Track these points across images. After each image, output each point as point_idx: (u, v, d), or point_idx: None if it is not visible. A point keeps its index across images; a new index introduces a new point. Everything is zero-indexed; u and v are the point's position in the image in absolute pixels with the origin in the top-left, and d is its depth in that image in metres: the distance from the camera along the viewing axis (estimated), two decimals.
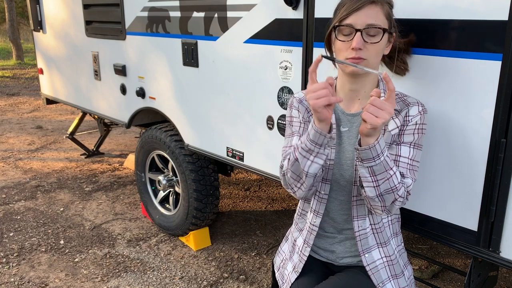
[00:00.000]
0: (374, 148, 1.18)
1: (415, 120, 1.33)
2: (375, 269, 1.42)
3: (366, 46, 1.26)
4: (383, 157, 1.20)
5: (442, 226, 1.55)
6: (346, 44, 1.28)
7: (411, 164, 1.33)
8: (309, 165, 1.30)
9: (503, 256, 1.42)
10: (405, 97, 1.38)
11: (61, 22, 3.69)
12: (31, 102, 7.97)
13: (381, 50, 1.31)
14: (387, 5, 1.30)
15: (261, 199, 3.80)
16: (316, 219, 1.46)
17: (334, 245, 1.50)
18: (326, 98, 1.16)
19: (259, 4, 2.01)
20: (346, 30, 1.27)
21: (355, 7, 1.25)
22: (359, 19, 1.25)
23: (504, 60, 1.29)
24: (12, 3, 13.26)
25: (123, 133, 5.84)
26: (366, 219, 1.42)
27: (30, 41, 17.68)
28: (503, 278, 2.69)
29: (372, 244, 1.43)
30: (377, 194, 1.26)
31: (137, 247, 3.01)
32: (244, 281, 2.64)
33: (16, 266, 2.79)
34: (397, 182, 1.25)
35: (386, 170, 1.22)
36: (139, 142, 3.17)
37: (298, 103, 1.46)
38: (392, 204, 1.29)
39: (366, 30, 1.25)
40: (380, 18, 1.27)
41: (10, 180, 4.22)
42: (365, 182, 1.26)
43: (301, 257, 1.51)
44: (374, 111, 1.12)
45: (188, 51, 2.48)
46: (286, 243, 1.65)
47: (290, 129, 1.48)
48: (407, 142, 1.34)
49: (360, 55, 1.26)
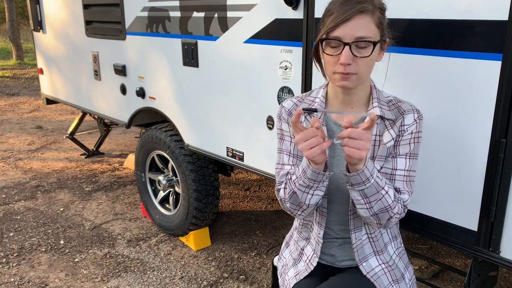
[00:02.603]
0: (362, 173, 1.15)
1: (411, 129, 1.29)
2: (376, 276, 1.41)
3: (355, 61, 1.17)
4: (372, 179, 1.17)
5: (442, 226, 1.55)
6: (334, 57, 1.19)
7: (408, 175, 1.31)
8: (309, 198, 1.28)
9: (503, 256, 1.42)
10: (399, 103, 1.33)
11: (61, 22, 3.69)
12: (31, 102, 7.97)
13: (372, 62, 1.23)
14: (378, 11, 1.19)
15: (261, 199, 3.80)
16: (320, 231, 1.44)
17: (333, 249, 1.49)
18: (319, 147, 1.13)
19: (259, 4, 2.01)
20: (334, 43, 1.18)
21: (343, 18, 1.14)
22: (348, 31, 1.15)
23: (504, 60, 1.29)
24: (12, 3, 13.26)
25: (123, 133, 5.84)
26: (362, 229, 1.40)
27: (30, 41, 17.67)
28: (503, 278, 2.69)
29: (368, 253, 1.42)
30: (371, 214, 1.25)
31: (137, 247, 3.01)
32: (244, 281, 2.64)
33: (16, 266, 2.79)
34: (390, 201, 1.23)
35: (378, 191, 1.20)
36: (139, 142, 3.17)
37: (287, 115, 1.40)
38: (388, 221, 1.28)
39: (355, 43, 1.16)
40: (370, 29, 1.17)
41: (10, 180, 4.22)
42: (358, 204, 1.24)
43: (308, 266, 1.48)
44: (355, 144, 1.08)
45: (188, 51, 2.48)
46: (287, 249, 1.62)
47: (281, 144, 1.43)
48: (403, 154, 1.30)
49: (349, 70, 1.18)
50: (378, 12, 1.20)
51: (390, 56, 1.47)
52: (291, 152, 1.41)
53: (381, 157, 1.31)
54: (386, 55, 1.33)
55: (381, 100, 1.32)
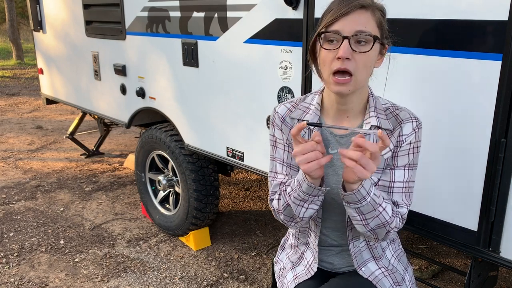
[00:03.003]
0: (358, 192, 1.13)
1: (409, 139, 1.24)
2: (377, 279, 1.40)
3: (354, 56, 1.13)
4: (369, 197, 1.15)
5: (442, 226, 1.55)
6: (332, 53, 1.14)
7: (407, 187, 1.27)
8: (304, 211, 1.26)
9: (503, 256, 1.42)
10: (397, 111, 1.27)
11: (61, 22, 3.69)
12: (31, 102, 7.97)
13: (370, 62, 1.17)
14: (379, 12, 1.17)
15: (261, 199, 3.80)
16: (316, 240, 1.43)
17: (331, 257, 1.48)
18: (317, 162, 1.10)
19: (259, 4, 2.01)
20: (333, 37, 1.14)
21: (343, 12, 1.12)
22: (347, 25, 1.12)
23: (504, 60, 1.29)
24: (12, 3, 13.26)
25: (123, 133, 5.84)
26: (360, 238, 1.39)
27: (30, 41, 17.67)
28: (503, 278, 2.69)
29: (366, 258, 1.41)
30: (368, 230, 1.23)
31: (137, 247, 3.01)
32: (244, 281, 2.64)
33: (16, 266, 2.79)
34: (388, 217, 1.21)
35: (375, 209, 1.17)
36: (139, 142, 3.17)
37: (281, 122, 1.34)
38: (386, 235, 1.26)
39: (355, 37, 1.12)
40: (370, 25, 1.14)
41: (10, 180, 4.22)
42: (354, 220, 1.23)
43: (308, 271, 1.47)
44: (365, 163, 1.05)
45: (188, 51, 2.48)
46: (283, 252, 1.61)
47: (274, 151, 1.38)
48: (402, 165, 1.26)
49: (346, 66, 1.12)
50: (379, 13, 1.18)
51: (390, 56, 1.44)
52: (285, 161, 1.36)
53: (378, 169, 1.27)
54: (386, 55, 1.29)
55: (378, 108, 1.27)
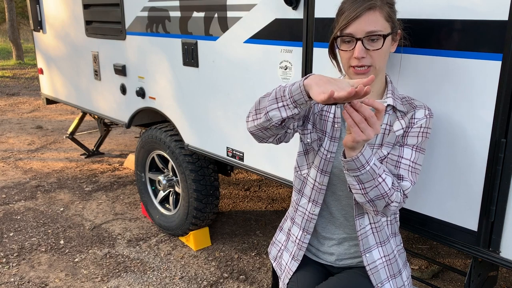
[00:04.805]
0: (357, 160, 1.18)
1: (420, 123, 1.34)
2: (375, 269, 1.43)
3: (369, 53, 1.28)
4: (368, 166, 1.19)
5: (442, 226, 1.55)
6: (349, 52, 1.30)
7: (412, 166, 1.33)
8: (273, 108, 1.23)
9: (503, 256, 1.42)
10: (412, 100, 1.39)
11: (61, 22, 3.69)
12: (31, 102, 7.97)
13: (385, 54, 1.32)
14: (386, 6, 1.29)
15: (261, 199, 3.80)
16: (315, 209, 1.47)
17: (332, 247, 1.51)
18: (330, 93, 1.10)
19: (259, 4, 2.01)
20: (347, 39, 1.29)
21: (353, 16, 1.25)
22: (359, 27, 1.26)
23: (504, 60, 1.29)
24: (12, 3, 13.26)
25: (123, 133, 5.84)
26: (365, 216, 1.42)
27: (30, 41, 17.69)
28: (503, 278, 2.69)
29: (372, 244, 1.44)
30: (367, 200, 1.27)
31: (137, 247, 3.01)
32: (244, 281, 2.64)
33: (16, 266, 2.79)
34: (387, 189, 1.24)
35: (374, 178, 1.22)
36: (139, 142, 3.17)
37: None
38: (386, 208, 1.29)
39: (367, 37, 1.26)
40: (380, 23, 1.27)
41: (10, 180, 4.22)
42: (353, 189, 1.27)
43: (300, 246, 1.51)
44: (364, 127, 1.08)
45: (188, 51, 2.48)
46: (280, 233, 1.66)
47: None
48: (410, 145, 1.34)
49: (363, 63, 1.28)
50: (387, 7, 1.29)
51: (401, 57, 1.51)
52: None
53: (389, 144, 1.35)
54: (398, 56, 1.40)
55: (395, 94, 1.39)
